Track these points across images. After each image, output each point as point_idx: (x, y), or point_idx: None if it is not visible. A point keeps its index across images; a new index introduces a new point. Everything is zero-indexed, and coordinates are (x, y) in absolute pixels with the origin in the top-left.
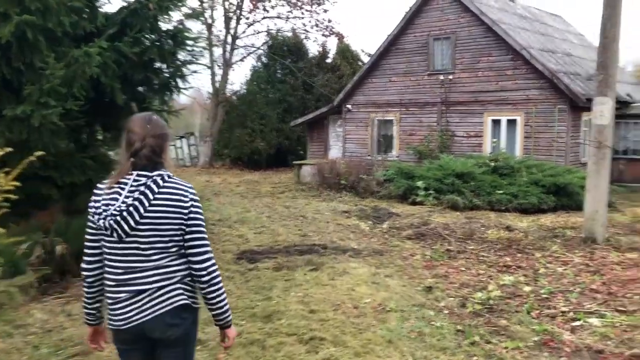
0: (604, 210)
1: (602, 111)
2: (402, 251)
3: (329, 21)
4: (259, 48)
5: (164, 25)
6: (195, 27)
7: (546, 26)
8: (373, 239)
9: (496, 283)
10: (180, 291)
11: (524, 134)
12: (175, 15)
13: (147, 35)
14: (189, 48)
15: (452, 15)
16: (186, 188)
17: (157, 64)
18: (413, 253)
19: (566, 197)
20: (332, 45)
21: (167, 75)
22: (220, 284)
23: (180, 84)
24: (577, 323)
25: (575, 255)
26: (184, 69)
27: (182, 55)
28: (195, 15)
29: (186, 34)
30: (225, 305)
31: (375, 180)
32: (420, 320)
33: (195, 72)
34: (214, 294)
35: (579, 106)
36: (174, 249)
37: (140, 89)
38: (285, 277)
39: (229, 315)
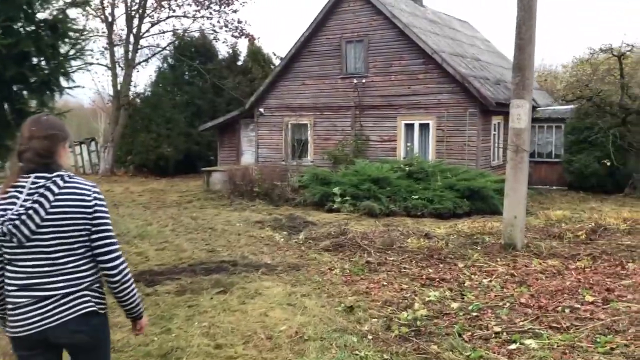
0: (522, 215)
1: (520, 114)
2: (320, 265)
3: (239, 22)
4: (164, 48)
5: (41, 14)
6: (93, 24)
7: (455, 31)
8: (288, 252)
9: (421, 300)
10: (88, 298)
11: (437, 138)
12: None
13: (20, 25)
14: (72, 41)
15: (365, 18)
16: (89, 187)
17: (35, 59)
18: (332, 267)
19: (480, 201)
20: (243, 47)
21: (46, 72)
22: (131, 281)
23: (64, 82)
24: (513, 346)
25: (499, 264)
26: (67, 66)
27: (64, 49)
28: (79, 3)
29: (69, 24)
30: (137, 299)
31: (290, 186)
32: (343, 350)
33: (82, 69)
34: (125, 292)
35: (489, 110)
36: (81, 251)
37: (14, 87)
38: (189, 303)
39: (140, 308)
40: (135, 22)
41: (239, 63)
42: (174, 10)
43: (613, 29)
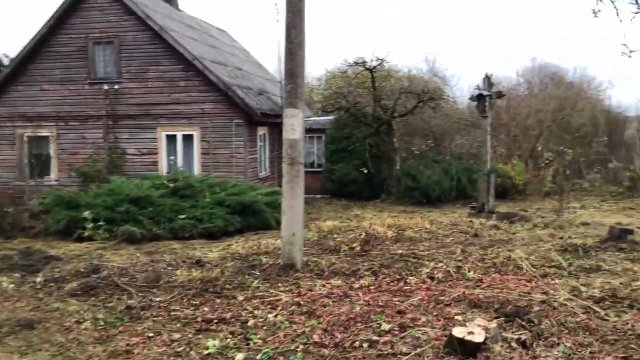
0: (300, 232)
1: (293, 124)
2: (64, 318)
3: None
4: None
5: None
6: None
7: (214, 39)
8: (20, 303)
9: (198, 354)
10: None
11: (202, 150)
12: None
13: None
14: None
15: (114, 17)
16: None
17: None
18: (80, 319)
19: (252, 216)
20: None
21: None
22: None
23: None
24: None
25: (282, 292)
26: None
27: None
28: None
29: None
30: None
31: (28, 212)
32: None
33: None
34: None
35: (254, 120)
36: None
37: None
38: None
39: None
40: None
41: None
42: None
43: (362, 44)
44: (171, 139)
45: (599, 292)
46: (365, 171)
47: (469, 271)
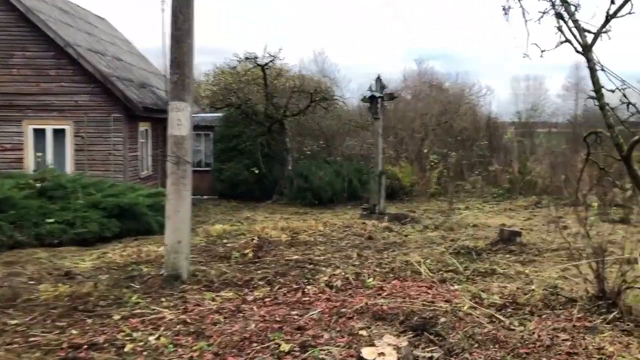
0: (187, 239)
1: (180, 119)
2: None
3: None
4: None
5: None
6: None
7: (92, 27)
8: None
9: None
10: None
11: (76, 147)
12: None
13: None
14: None
15: None
16: None
17: None
18: None
19: (132, 220)
20: None
21: None
22: None
23: None
24: None
25: (165, 308)
26: None
27: None
28: None
29: None
30: None
31: None
32: None
33: None
34: None
35: (136, 115)
36: None
37: None
38: None
39: None
40: None
41: None
42: None
43: (252, 40)
44: (39, 133)
45: (499, 298)
46: (257, 171)
47: (368, 278)
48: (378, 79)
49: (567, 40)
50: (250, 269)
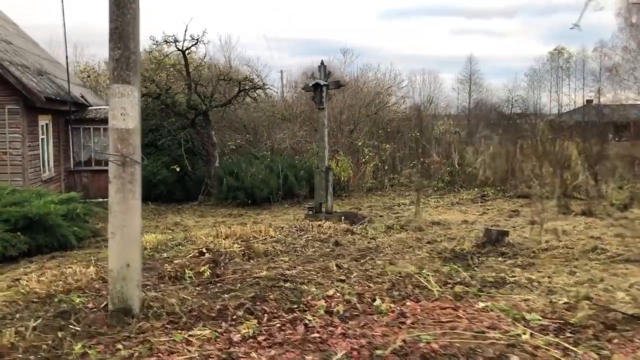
0: (138, 261)
1: (125, 107)
2: None
3: None
4: None
5: None
6: None
7: None
8: None
9: None
10: None
11: None
12: None
13: None
14: None
15: None
16: None
17: None
18: None
19: (43, 234)
20: None
21: None
22: None
23: None
24: None
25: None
26: None
27: None
28: None
29: None
30: None
31: None
32: None
33: None
34: None
35: (35, 107)
36: None
37: None
38: None
39: None
40: None
41: None
42: None
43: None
44: None
45: (542, 317)
46: (178, 169)
47: (374, 299)
48: (322, 66)
49: None
50: (215, 292)
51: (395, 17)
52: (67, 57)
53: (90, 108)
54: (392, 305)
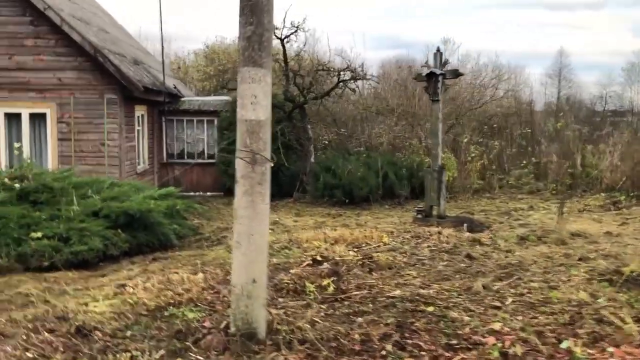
0: (264, 276)
1: (256, 95)
2: None
3: None
4: None
5: None
6: None
7: None
8: None
9: None
10: None
11: (59, 135)
12: None
13: None
14: None
15: None
16: None
17: None
18: None
19: (144, 232)
20: None
21: None
22: None
23: None
24: None
25: None
26: None
27: None
28: None
29: None
30: None
31: None
32: None
33: None
34: None
35: (132, 97)
36: None
37: None
38: None
39: None
40: None
41: None
42: None
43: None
44: (13, 119)
45: None
46: (272, 164)
47: (559, 340)
48: (438, 53)
49: None
50: (345, 314)
51: (477, 9)
52: (162, 46)
53: (183, 99)
54: (587, 350)
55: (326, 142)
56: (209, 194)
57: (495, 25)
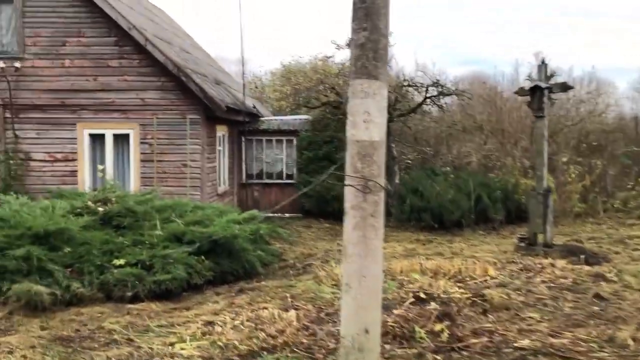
0: (379, 325)
1: (369, 111)
2: None
3: None
4: None
5: None
6: None
7: (152, 14)
8: None
9: None
10: None
11: (142, 157)
12: None
13: None
14: None
15: None
16: None
17: None
18: None
19: (228, 259)
20: None
21: None
22: None
23: None
24: None
25: None
26: None
27: None
28: None
29: None
30: None
31: None
32: None
33: None
34: None
35: (214, 117)
36: None
37: None
38: None
39: None
40: None
41: None
42: None
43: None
44: (97, 139)
45: None
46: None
47: None
48: (542, 65)
49: None
50: None
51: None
52: (243, 64)
53: (262, 119)
54: None
55: (409, 161)
56: (287, 215)
57: (591, 37)
